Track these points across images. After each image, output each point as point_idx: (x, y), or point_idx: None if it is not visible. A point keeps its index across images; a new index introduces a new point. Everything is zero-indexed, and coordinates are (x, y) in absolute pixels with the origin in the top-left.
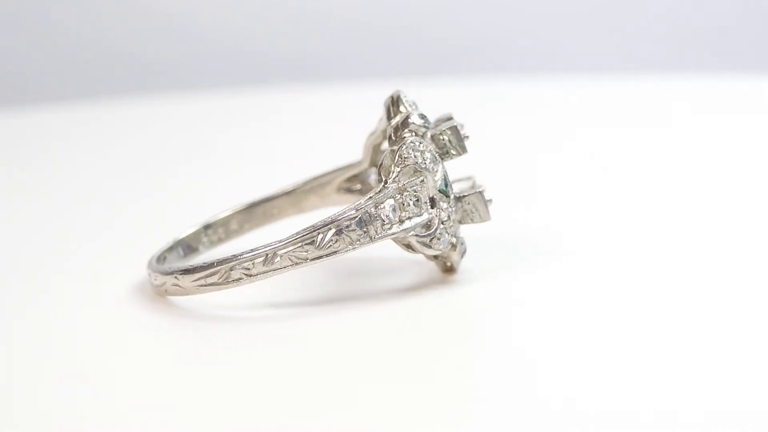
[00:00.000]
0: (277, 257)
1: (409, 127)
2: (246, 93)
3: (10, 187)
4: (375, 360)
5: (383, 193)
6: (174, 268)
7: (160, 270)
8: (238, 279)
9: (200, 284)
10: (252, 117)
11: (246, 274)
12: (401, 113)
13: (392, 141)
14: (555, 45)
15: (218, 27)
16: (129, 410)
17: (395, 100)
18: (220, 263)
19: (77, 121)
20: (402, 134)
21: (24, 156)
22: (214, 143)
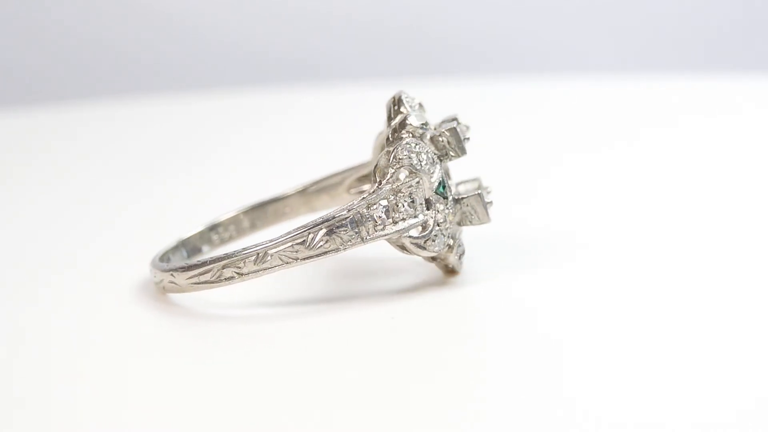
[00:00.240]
0: (269, 257)
1: (406, 129)
2: (246, 93)
3: (11, 187)
4: (375, 360)
5: (376, 194)
6: (171, 266)
7: (159, 267)
8: (230, 277)
9: (194, 282)
10: (252, 117)
11: (238, 273)
12: (401, 114)
13: (389, 142)
14: (555, 45)
15: (218, 27)
16: (128, 409)
17: (396, 101)
18: (213, 261)
19: (77, 121)
20: (400, 135)
21: (24, 156)
22: (214, 143)
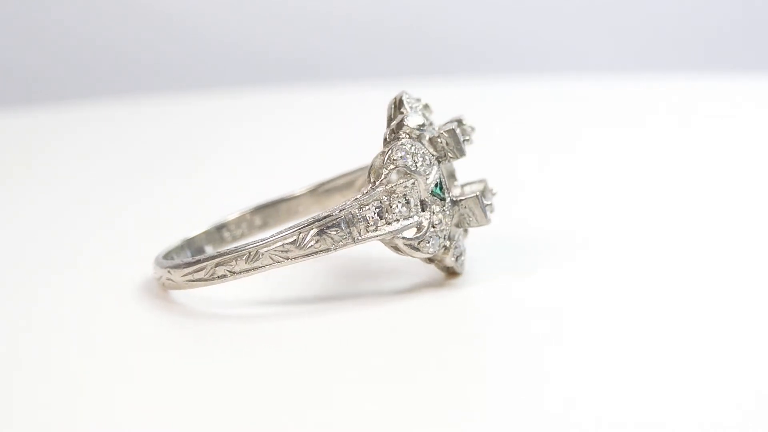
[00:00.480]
0: (260, 256)
1: (403, 129)
2: (246, 93)
3: (11, 187)
4: (375, 360)
5: (369, 195)
6: (168, 262)
7: (159, 263)
8: (223, 276)
9: (189, 279)
10: (252, 117)
11: (230, 272)
12: (400, 115)
13: (386, 142)
14: (555, 45)
15: (218, 27)
16: (128, 408)
17: (397, 103)
18: (207, 259)
19: (77, 121)
20: (398, 136)
21: (24, 156)
22: (214, 143)
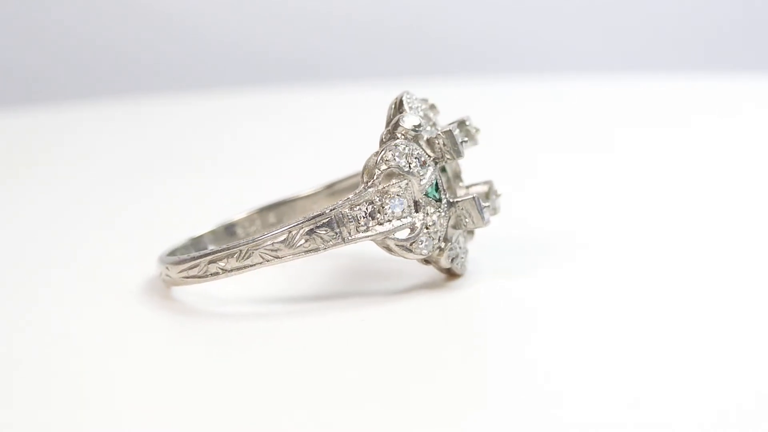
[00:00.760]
0: (251, 254)
1: (398, 130)
2: (246, 93)
3: (11, 187)
4: (375, 360)
5: (360, 195)
6: (166, 259)
7: (160, 260)
8: (215, 273)
9: (184, 276)
10: (252, 117)
11: (222, 269)
12: (399, 115)
13: (382, 143)
14: (555, 45)
15: (218, 27)
16: (128, 408)
17: (398, 103)
18: (200, 257)
19: (77, 121)
20: (394, 136)
21: (24, 156)
22: (214, 143)
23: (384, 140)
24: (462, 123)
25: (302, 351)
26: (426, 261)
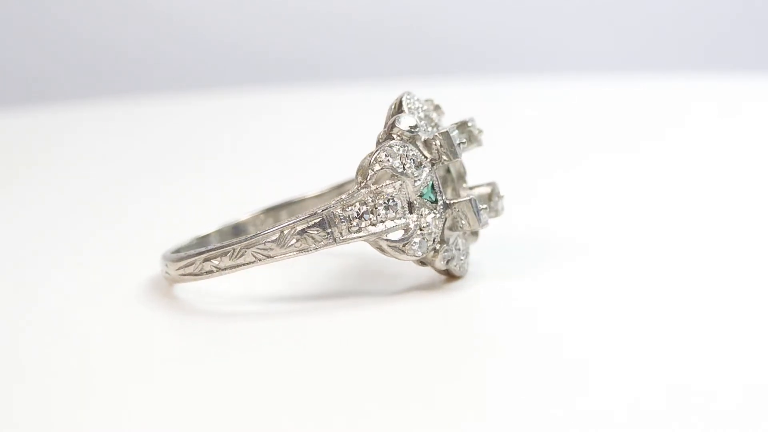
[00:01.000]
0: (243, 253)
1: (393, 131)
2: (246, 93)
3: (11, 187)
4: (376, 360)
5: (353, 196)
6: (167, 256)
7: (163, 257)
8: (210, 271)
9: (181, 273)
10: (252, 117)
11: (216, 267)
12: (396, 115)
13: (378, 143)
14: (555, 45)
15: (218, 27)
16: (128, 407)
17: (398, 104)
18: (196, 255)
19: (77, 121)
20: (390, 137)
21: (24, 156)
22: (214, 143)
23: (380, 141)
24: (463, 124)
25: (302, 351)
26: (422, 262)
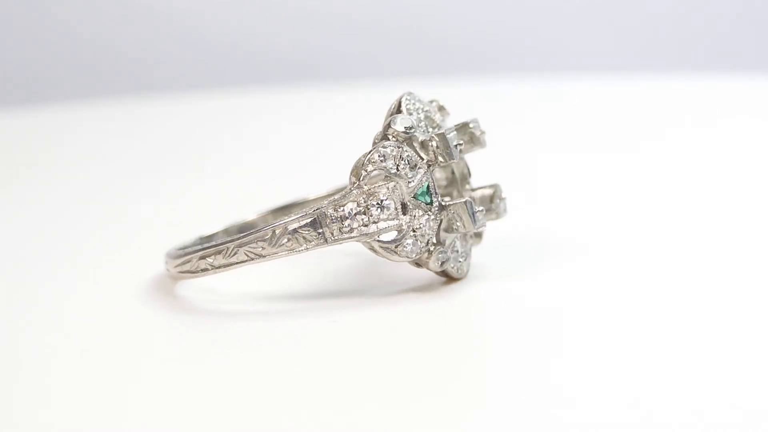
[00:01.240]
0: (236, 252)
1: (389, 132)
2: (246, 93)
3: (11, 187)
4: (375, 360)
5: (345, 196)
6: (168, 253)
7: (166, 254)
8: (205, 269)
9: (179, 271)
10: (252, 117)
11: (210, 265)
12: (393, 116)
13: (374, 144)
14: (555, 45)
15: (218, 27)
16: (128, 407)
17: (397, 104)
18: (192, 252)
19: (77, 121)
20: (386, 138)
21: (24, 156)
22: (214, 143)
23: (376, 141)
24: (465, 125)
25: (302, 351)
26: (417, 264)
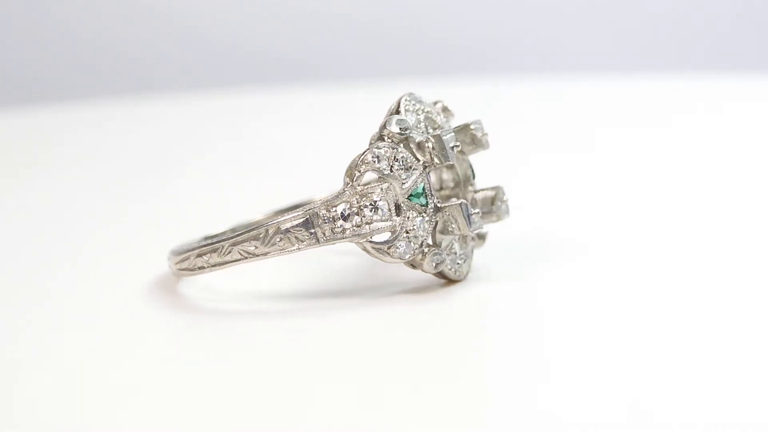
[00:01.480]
0: (230, 251)
1: (384, 132)
2: (246, 93)
3: (11, 187)
4: (375, 360)
5: (338, 197)
6: (170, 251)
7: (170, 251)
8: (201, 267)
9: (179, 268)
10: (252, 117)
11: (207, 264)
12: (389, 117)
13: (370, 145)
14: (555, 45)
15: (218, 27)
16: (129, 407)
17: (397, 105)
18: (189, 250)
19: (77, 121)
20: (381, 138)
21: (24, 156)
22: (214, 143)
23: (372, 142)
24: (465, 127)
25: (302, 351)
26: (412, 265)
